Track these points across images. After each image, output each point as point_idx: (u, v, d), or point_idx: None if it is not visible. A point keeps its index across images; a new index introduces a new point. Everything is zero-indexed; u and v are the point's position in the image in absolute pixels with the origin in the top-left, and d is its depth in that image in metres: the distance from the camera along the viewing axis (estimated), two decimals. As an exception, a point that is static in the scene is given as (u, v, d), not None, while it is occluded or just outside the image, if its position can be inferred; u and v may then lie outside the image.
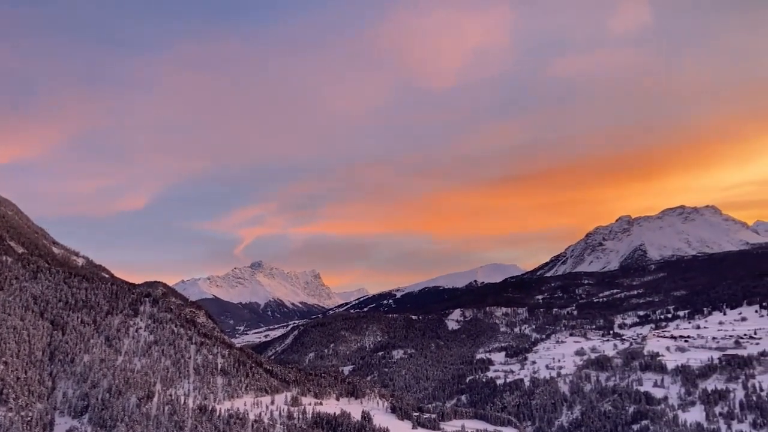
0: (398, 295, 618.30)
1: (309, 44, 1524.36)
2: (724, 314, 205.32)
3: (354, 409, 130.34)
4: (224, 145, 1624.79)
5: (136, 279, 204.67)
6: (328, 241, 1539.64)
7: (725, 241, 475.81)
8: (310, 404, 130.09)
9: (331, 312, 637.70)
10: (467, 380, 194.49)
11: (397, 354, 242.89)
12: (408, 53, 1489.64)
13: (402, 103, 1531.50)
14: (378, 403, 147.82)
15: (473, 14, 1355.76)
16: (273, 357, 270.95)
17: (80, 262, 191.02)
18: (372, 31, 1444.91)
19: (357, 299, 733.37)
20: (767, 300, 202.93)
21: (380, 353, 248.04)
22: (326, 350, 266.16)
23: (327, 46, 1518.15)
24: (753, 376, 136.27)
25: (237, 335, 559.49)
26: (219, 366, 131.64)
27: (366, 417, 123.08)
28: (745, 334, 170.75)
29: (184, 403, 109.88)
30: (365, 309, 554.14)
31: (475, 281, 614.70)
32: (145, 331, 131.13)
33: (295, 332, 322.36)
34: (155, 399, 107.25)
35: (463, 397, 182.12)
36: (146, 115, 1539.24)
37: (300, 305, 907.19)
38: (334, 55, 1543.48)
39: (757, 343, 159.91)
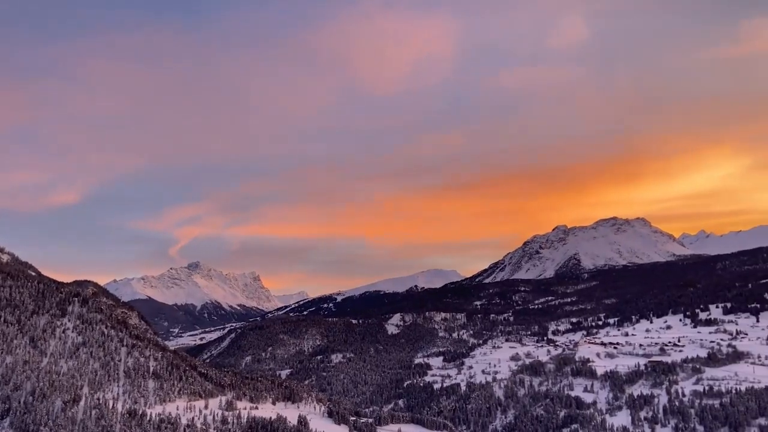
0: (339, 299, 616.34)
1: (254, 42, 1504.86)
2: (651, 322, 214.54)
3: (290, 413, 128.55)
4: (162, 142, 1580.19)
5: (66, 278, 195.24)
6: (269, 243, 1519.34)
7: (653, 253, 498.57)
8: (245, 409, 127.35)
9: (270, 315, 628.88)
10: (405, 385, 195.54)
11: (336, 358, 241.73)
12: (353, 58, 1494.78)
13: (347, 107, 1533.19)
14: (315, 407, 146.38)
15: (417, 23, 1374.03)
16: (208, 360, 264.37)
17: (5, 258, 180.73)
18: (317, 33, 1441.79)
19: (297, 302, 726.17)
20: (691, 309, 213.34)
21: (319, 357, 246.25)
22: (264, 354, 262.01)
23: (270, 45, 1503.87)
24: (676, 382, 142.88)
25: (171, 338, 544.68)
26: (151, 369, 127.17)
27: (302, 421, 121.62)
28: (669, 342, 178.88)
29: (113, 407, 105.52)
30: (305, 312, 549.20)
31: (416, 286, 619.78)
32: (73, 332, 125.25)
33: (232, 335, 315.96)
34: (82, 403, 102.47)
35: (400, 402, 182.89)
36: (80, 108, 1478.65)
37: (238, 308, 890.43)
38: (277, 56, 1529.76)
39: (681, 351, 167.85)
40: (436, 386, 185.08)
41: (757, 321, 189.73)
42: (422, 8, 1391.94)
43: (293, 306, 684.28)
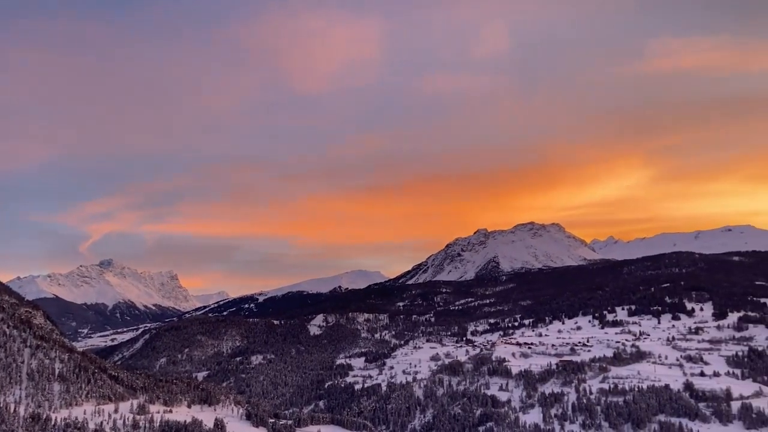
0: (261, 299, 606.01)
1: (176, 34, 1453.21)
2: (563, 323, 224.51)
3: (207, 416, 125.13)
4: (76, 133, 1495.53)
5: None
6: (188, 241, 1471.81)
7: (567, 257, 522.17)
8: (158, 412, 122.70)
9: (187, 315, 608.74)
10: (326, 386, 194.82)
11: (256, 359, 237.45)
12: (282, 55, 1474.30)
13: (274, 104, 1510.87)
14: (233, 409, 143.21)
15: (345, 24, 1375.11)
16: (120, 362, 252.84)
17: None
18: (244, 28, 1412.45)
19: (217, 303, 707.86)
20: (599, 311, 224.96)
21: (238, 359, 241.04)
22: (180, 355, 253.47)
23: (194, 39, 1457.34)
24: (584, 381, 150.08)
25: (80, 339, 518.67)
26: (56, 371, 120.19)
27: (219, 424, 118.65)
28: (579, 342, 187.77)
29: (15, 411, 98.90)
30: (225, 313, 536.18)
31: (340, 287, 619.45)
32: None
33: (147, 336, 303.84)
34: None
35: (320, 403, 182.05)
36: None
37: (153, 308, 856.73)
38: (201, 49, 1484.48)
39: (589, 350, 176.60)
40: (358, 387, 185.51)
41: (659, 323, 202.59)
42: (350, 9, 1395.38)
43: (212, 306, 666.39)
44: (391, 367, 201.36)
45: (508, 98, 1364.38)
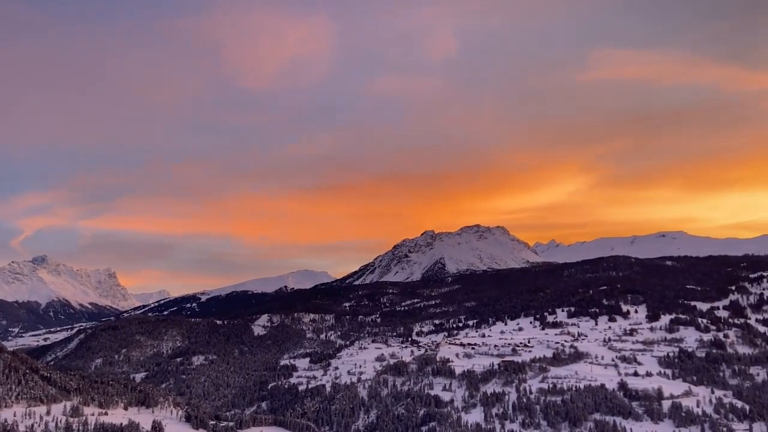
0: (203, 298, 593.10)
1: (118, 25, 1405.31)
2: (506, 324, 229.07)
3: (144, 419, 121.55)
4: (8, 124, 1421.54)
5: None
6: (128, 238, 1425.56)
7: (510, 259, 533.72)
8: (93, 414, 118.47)
9: (126, 315, 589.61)
10: (269, 387, 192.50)
11: (198, 360, 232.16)
12: (228, 51, 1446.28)
13: (219, 100, 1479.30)
14: (172, 411, 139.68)
15: (294, 21, 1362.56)
16: (53, 363, 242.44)
17: None
18: (192, 22, 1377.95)
19: (157, 302, 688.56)
20: (540, 312, 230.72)
21: (179, 359, 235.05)
22: (117, 356, 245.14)
23: (137, 31, 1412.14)
24: (525, 380, 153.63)
25: (10, 338, 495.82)
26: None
27: (157, 427, 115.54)
28: (521, 343, 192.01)
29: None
30: (166, 312, 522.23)
31: (286, 287, 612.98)
32: None
33: (82, 336, 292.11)
34: None
35: (263, 404, 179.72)
36: None
37: (90, 306, 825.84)
38: (145, 42, 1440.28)
39: (530, 351, 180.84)
40: (302, 388, 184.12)
41: (596, 324, 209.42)
42: (301, 7, 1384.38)
43: (153, 305, 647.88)
44: (336, 368, 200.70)
45: (455, 102, 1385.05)
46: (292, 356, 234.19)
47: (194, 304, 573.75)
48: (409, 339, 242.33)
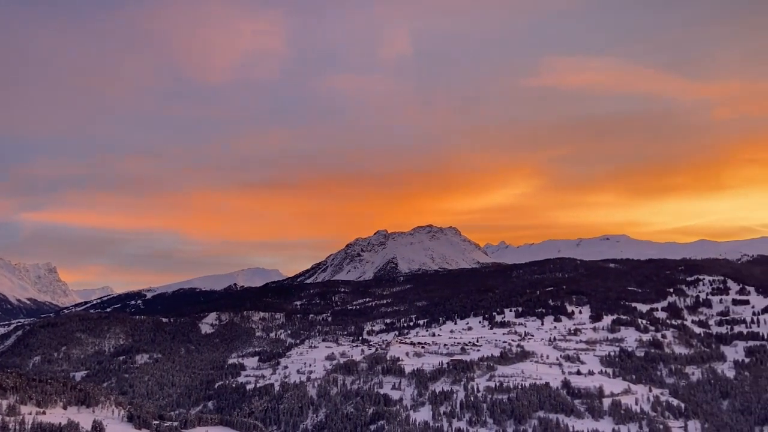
0: (149, 295, 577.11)
1: (69, 15, 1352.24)
2: (455, 323, 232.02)
3: (84, 418, 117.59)
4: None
5: None
6: (70, 232, 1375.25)
7: (461, 260, 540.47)
8: (30, 414, 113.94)
9: (66, 311, 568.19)
10: (216, 386, 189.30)
11: (142, 359, 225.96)
12: (180, 43, 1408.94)
13: (170, 93, 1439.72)
14: (114, 411, 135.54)
15: (248, 14, 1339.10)
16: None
17: None
18: (143, 12, 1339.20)
19: (100, 298, 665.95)
20: (489, 312, 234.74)
21: (121, 358, 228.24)
22: (57, 354, 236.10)
23: (88, 20, 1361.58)
24: (473, 379, 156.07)
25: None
26: None
27: (98, 427, 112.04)
28: (469, 342, 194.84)
29: None
30: (109, 309, 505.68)
31: (235, 285, 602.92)
32: None
33: (19, 332, 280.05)
34: None
35: (210, 404, 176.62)
36: None
37: (28, 302, 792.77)
38: (95, 31, 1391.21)
39: (478, 350, 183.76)
40: (249, 387, 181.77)
41: (542, 324, 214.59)
42: (254, 1, 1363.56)
43: (95, 302, 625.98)
44: (286, 367, 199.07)
45: (410, 103, 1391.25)
46: (241, 355, 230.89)
47: (139, 302, 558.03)
48: (360, 338, 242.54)
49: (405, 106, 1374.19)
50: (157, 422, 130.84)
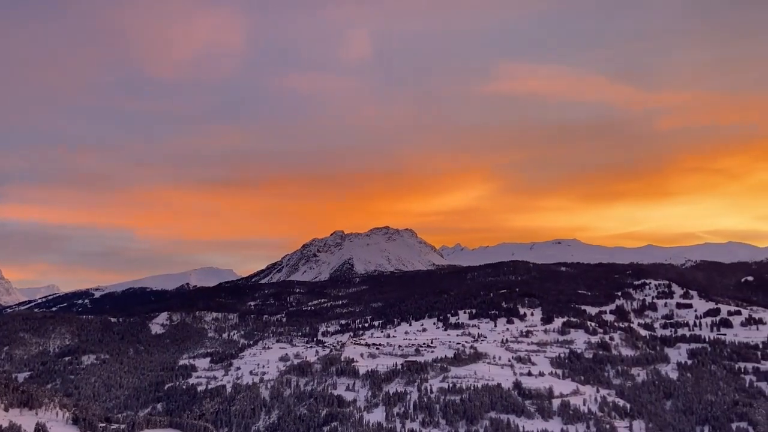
0: (97, 294, 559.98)
1: (21, 3, 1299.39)
2: (410, 325, 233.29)
3: (27, 421, 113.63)
4: None
5: None
6: (13, 227, 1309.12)
7: (417, 261, 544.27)
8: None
9: (9, 310, 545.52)
10: (166, 387, 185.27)
11: (88, 359, 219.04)
12: (135, 36, 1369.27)
13: (125, 86, 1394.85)
14: (58, 413, 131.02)
15: (206, 9, 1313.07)
16: None
17: None
18: (97, 3, 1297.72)
19: (45, 297, 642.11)
20: (443, 314, 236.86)
21: (67, 358, 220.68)
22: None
23: (39, 9, 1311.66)
24: (426, 380, 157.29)
25: None
26: None
27: (41, 429, 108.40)
28: (424, 343, 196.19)
29: None
30: (54, 309, 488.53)
31: (188, 284, 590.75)
32: None
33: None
34: None
35: (159, 406, 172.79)
36: None
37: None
38: (47, 21, 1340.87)
39: (433, 351, 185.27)
40: (201, 388, 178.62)
41: (495, 326, 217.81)
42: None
43: (40, 301, 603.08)
44: (238, 368, 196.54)
45: (369, 104, 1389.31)
46: (192, 356, 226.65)
47: (86, 301, 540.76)
48: (315, 339, 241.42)
49: (364, 107, 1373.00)
50: (104, 425, 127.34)
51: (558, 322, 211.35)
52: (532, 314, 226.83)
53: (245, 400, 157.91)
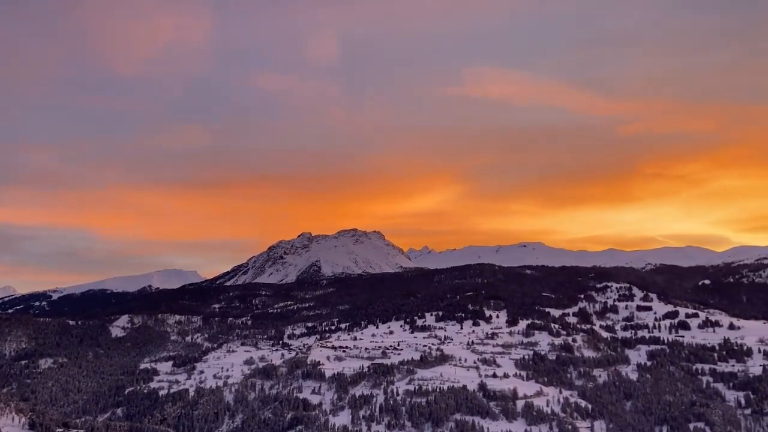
0: (55, 296, 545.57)
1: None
2: (377, 327, 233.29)
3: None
4: None
5: None
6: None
7: (385, 264, 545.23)
8: None
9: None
10: (126, 392, 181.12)
11: (45, 363, 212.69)
12: (97, 31, 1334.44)
13: (85, 83, 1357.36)
14: (14, 419, 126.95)
15: (169, 7, 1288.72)
16: None
17: None
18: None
19: (1, 299, 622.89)
20: (410, 316, 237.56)
21: (23, 362, 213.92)
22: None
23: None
24: (393, 383, 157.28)
25: None
26: None
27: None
28: (390, 346, 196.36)
29: None
30: (10, 311, 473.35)
31: (150, 286, 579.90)
32: None
33: None
34: None
35: (119, 411, 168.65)
36: None
37: None
38: (2, 15, 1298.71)
39: (399, 354, 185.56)
40: (162, 393, 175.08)
41: (461, 328, 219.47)
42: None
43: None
44: (202, 372, 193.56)
45: (336, 105, 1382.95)
46: (154, 359, 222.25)
47: (44, 303, 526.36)
48: (281, 342, 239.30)
49: (331, 108, 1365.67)
50: (61, 430, 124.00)
51: (523, 324, 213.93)
52: (497, 316, 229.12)
53: (208, 405, 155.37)
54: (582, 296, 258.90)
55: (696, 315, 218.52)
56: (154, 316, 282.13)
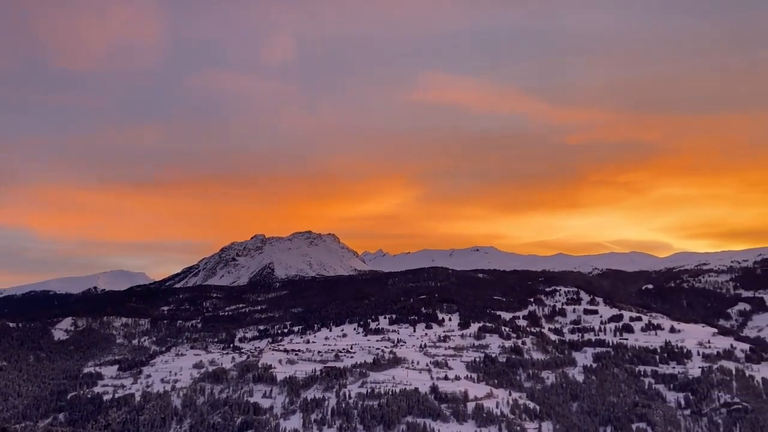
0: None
1: None
2: (330, 330, 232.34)
3: None
4: None
5: None
6: None
7: (339, 267, 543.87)
8: None
9: None
10: (69, 396, 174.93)
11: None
12: (42, 25, 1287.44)
13: (30, 78, 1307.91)
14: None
15: (119, 2, 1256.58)
16: None
17: None
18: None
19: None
20: (364, 319, 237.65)
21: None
22: None
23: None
24: (345, 386, 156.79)
25: None
26: None
27: None
28: (343, 349, 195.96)
29: None
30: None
31: (95, 288, 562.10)
32: None
33: None
34: None
35: (61, 416, 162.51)
36: None
37: None
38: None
39: (352, 357, 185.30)
40: (107, 397, 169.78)
41: (414, 331, 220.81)
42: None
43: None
44: (149, 376, 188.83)
45: (293, 107, 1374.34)
46: (98, 363, 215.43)
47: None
48: (232, 345, 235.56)
49: (286, 110, 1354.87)
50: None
51: (474, 327, 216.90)
52: (450, 319, 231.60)
53: (155, 409, 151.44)
54: (532, 300, 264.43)
55: (639, 318, 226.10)
56: (100, 318, 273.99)
